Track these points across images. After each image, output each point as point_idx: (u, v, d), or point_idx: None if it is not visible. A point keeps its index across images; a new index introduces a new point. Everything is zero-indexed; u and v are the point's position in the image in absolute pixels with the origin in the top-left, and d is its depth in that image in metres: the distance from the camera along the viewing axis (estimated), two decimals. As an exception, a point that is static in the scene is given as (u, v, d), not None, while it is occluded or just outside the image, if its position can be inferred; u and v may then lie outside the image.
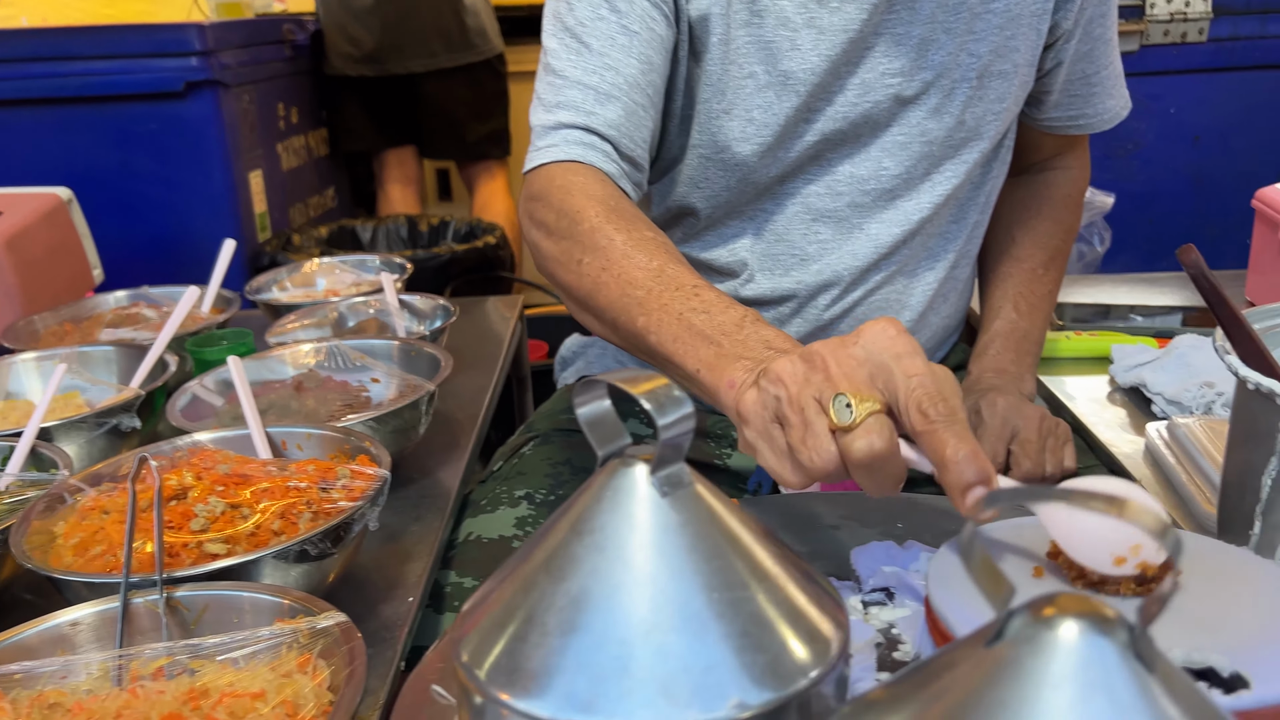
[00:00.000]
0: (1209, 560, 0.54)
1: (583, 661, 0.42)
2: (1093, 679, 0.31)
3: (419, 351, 1.08)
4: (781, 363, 0.60)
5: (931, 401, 0.56)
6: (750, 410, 0.61)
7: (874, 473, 0.57)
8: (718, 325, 0.68)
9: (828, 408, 0.56)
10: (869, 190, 1.00)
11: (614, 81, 0.88)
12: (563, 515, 0.47)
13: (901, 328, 0.60)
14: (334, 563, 0.78)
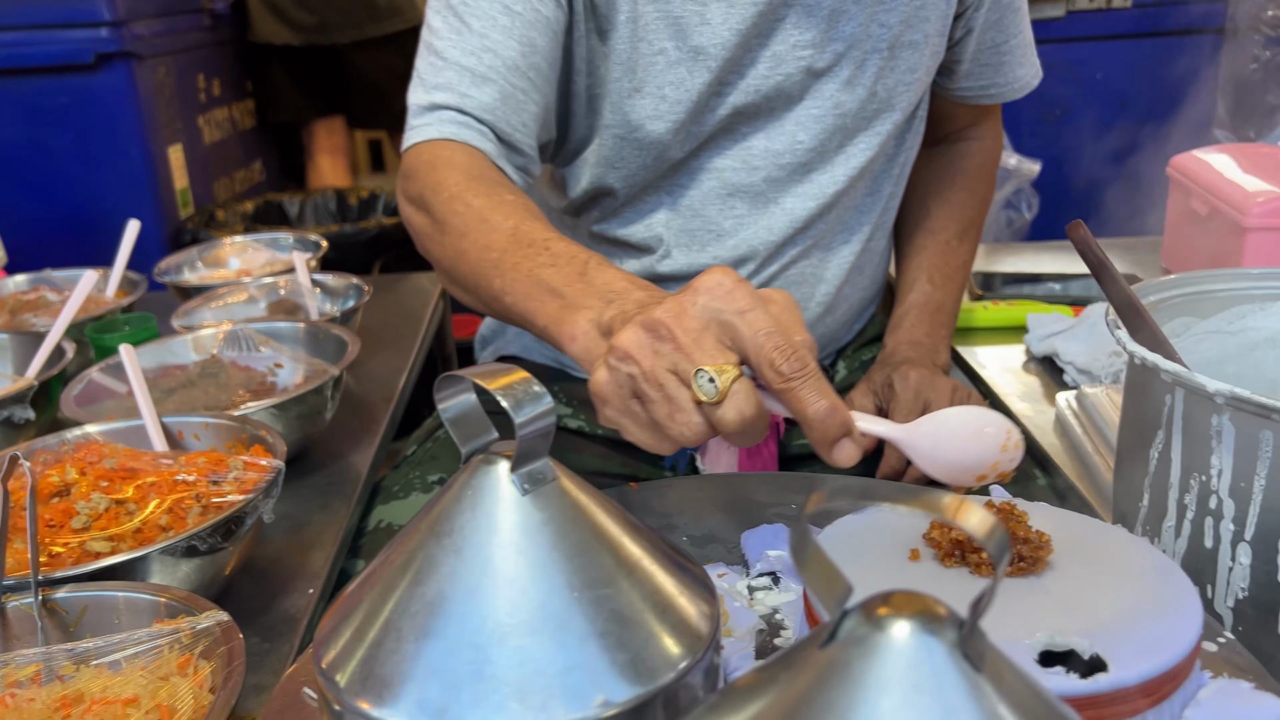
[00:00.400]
0: (1083, 539, 0.54)
1: (436, 668, 0.41)
2: (920, 681, 0.30)
3: (326, 334, 1.06)
4: (625, 336, 0.58)
5: (784, 356, 0.55)
6: (605, 390, 0.60)
7: (745, 434, 0.57)
8: (563, 276, 0.67)
9: (690, 383, 0.56)
10: (784, 164, 0.99)
11: (491, 64, 0.86)
12: (424, 515, 0.45)
13: (736, 276, 0.59)
14: (227, 557, 0.76)
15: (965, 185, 1.14)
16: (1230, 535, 0.62)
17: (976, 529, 0.30)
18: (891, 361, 1.02)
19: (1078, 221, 0.67)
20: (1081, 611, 0.47)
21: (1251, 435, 0.60)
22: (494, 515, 0.43)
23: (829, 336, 1.09)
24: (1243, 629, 0.63)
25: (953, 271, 1.11)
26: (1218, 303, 0.80)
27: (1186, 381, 0.62)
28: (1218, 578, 0.63)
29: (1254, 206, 1.12)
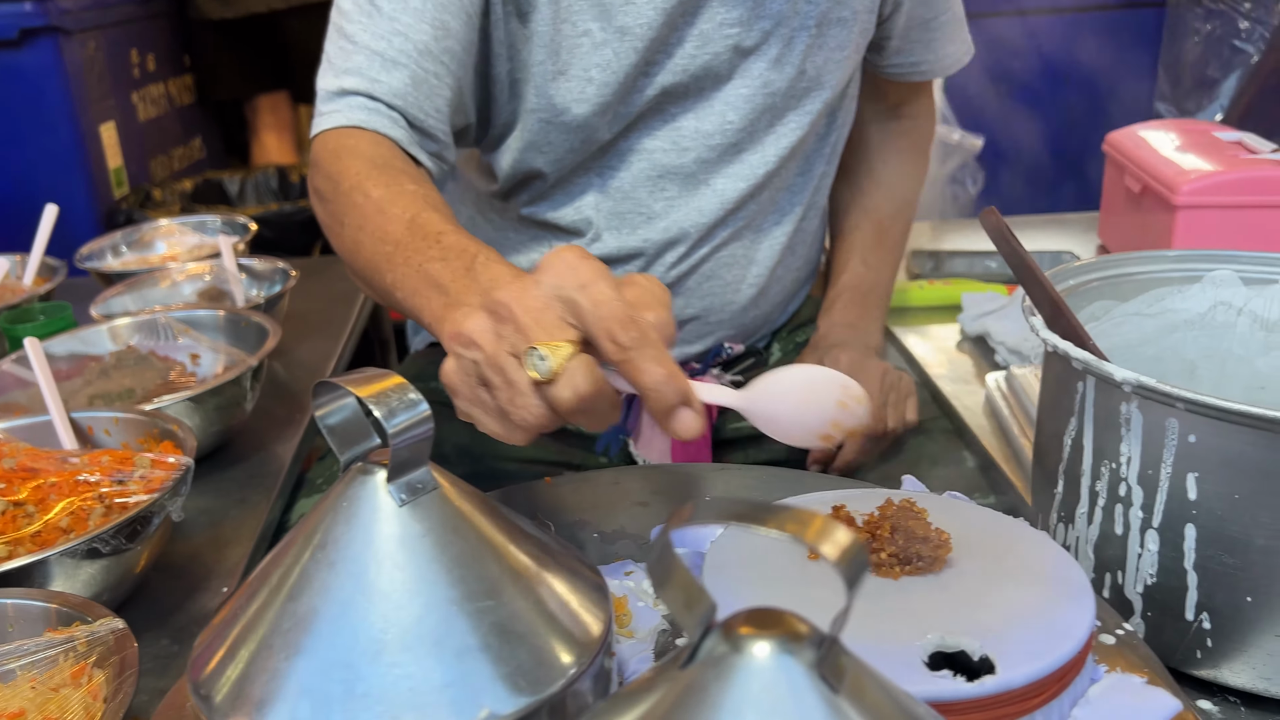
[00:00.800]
0: (985, 535, 0.54)
1: (307, 686, 0.39)
2: (775, 703, 0.30)
3: (248, 321, 1.03)
4: (470, 322, 0.56)
5: (622, 327, 0.53)
6: (454, 380, 0.57)
7: (588, 414, 0.54)
8: (450, 271, 0.64)
9: (524, 363, 0.54)
10: (714, 145, 0.98)
11: (402, 48, 0.83)
12: (302, 526, 0.44)
13: (584, 253, 0.57)
14: (135, 557, 0.74)
15: (898, 163, 1.14)
16: (1139, 522, 0.62)
17: (831, 553, 0.29)
18: (824, 344, 1.01)
19: (990, 209, 0.66)
20: (976, 611, 0.47)
21: (1158, 423, 0.60)
22: (370, 527, 0.42)
23: (763, 318, 1.08)
24: (1151, 615, 0.63)
25: (886, 252, 1.10)
26: (1137, 285, 0.80)
27: (1095, 369, 0.62)
28: (1127, 564, 0.64)
29: (1184, 185, 1.13)
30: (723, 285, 1.02)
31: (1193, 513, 0.60)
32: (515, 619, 0.42)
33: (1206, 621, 0.61)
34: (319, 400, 0.45)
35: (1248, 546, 0.58)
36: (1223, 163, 1.15)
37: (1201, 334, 0.81)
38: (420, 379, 1.09)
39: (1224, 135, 1.26)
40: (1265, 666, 0.60)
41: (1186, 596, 0.61)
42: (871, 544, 0.50)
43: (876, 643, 0.45)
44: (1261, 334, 0.80)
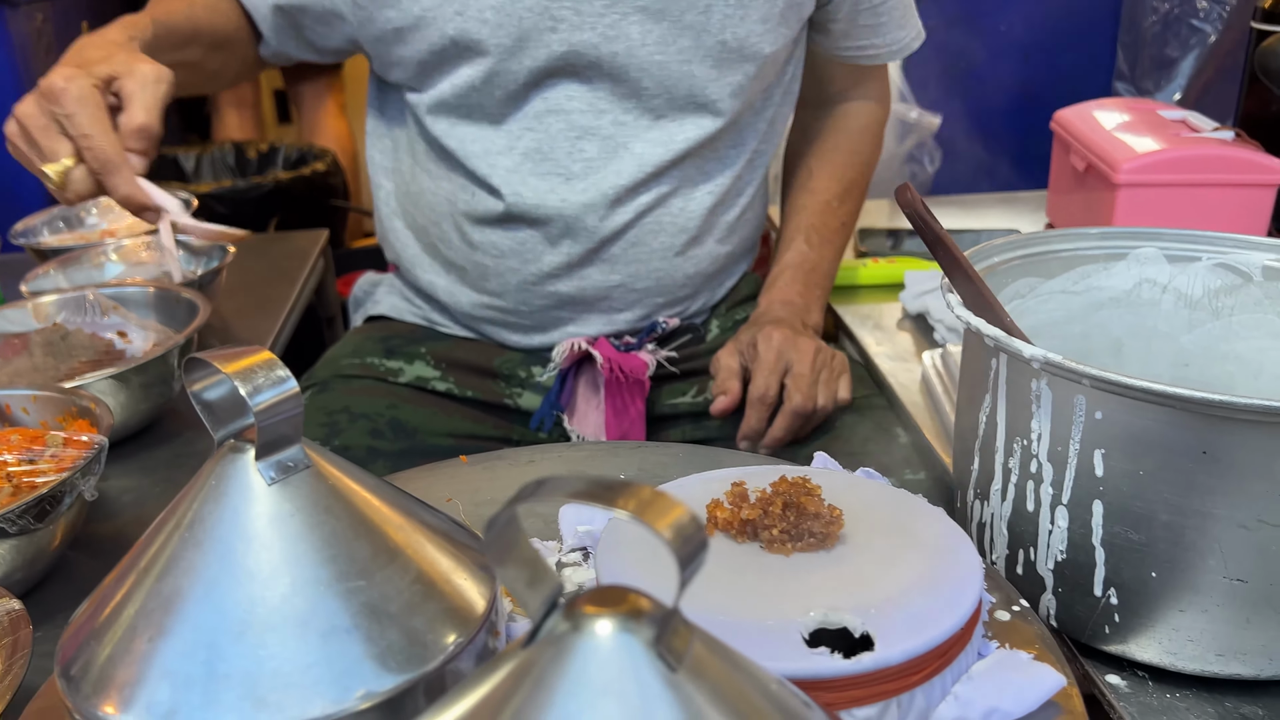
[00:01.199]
0: (882, 511, 0.54)
1: (168, 668, 0.39)
2: (608, 683, 0.29)
3: (179, 298, 1.02)
4: (27, 100, 0.83)
5: (94, 158, 0.83)
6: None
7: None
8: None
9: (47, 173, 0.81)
10: (630, 109, 0.97)
11: None
12: (173, 506, 0.43)
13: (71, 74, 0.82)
14: (47, 537, 0.73)
15: (847, 146, 1.13)
16: (1049, 499, 0.62)
17: (665, 532, 0.28)
18: (762, 321, 1.01)
19: (905, 185, 0.65)
20: (862, 588, 0.47)
21: (1066, 400, 0.60)
22: (237, 506, 0.41)
23: (693, 289, 1.07)
24: (1061, 591, 0.63)
25: (831, 233, 1.10)
26: (1062, 263, 0.80)
27: (1006, 346, 0.62)
28: (1039, 540, 0.64)
29: (1124, 164, 1.13)
30: (648, 252, 1.01)
31: (1100, 489, 0.60)
32: (388, 599, 0.41)
33: (1114, 597, 0.61)
34: (192, 376, 0.44)
35: (1152, 522, 0.58)
36: (1164, 141, 1.15)
37: (1127, 311, 0.81)
38: (357, 354, 1.08)
39: (1168, 114, 1.26)
40: (1170, 641, 0.61)
41: (1095, 573, 0.61)
42: (764, 520, 0.50)
43: (759, 620, 0.44)
44: (1185, 311, 0.80)
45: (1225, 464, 0.56)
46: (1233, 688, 0.61)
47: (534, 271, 1.02)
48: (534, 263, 1.02)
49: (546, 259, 1.01)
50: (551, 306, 1.05)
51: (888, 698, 0.42)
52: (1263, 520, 0.56)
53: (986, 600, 0.54)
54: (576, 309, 1.05)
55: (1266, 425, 0.54)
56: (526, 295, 1.04)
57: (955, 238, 1.36)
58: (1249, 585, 0.58)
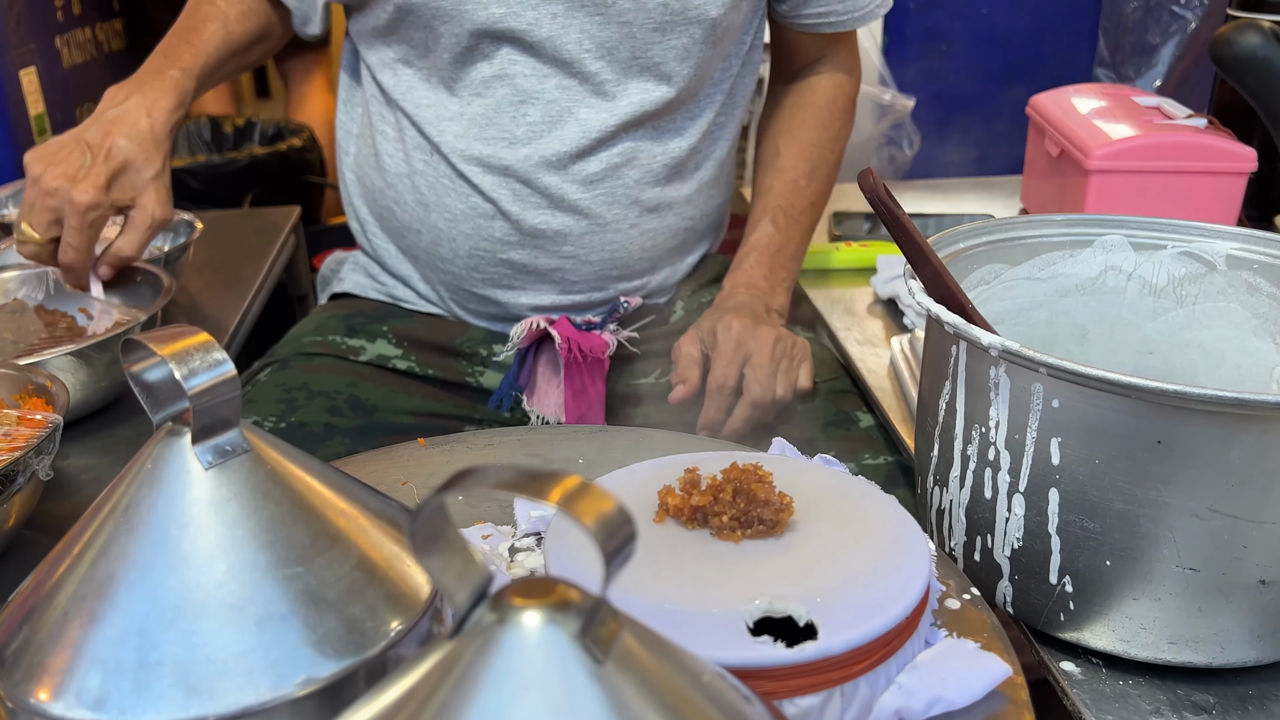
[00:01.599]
0: (834, 498, 0.53)
1: (99, 655, 0.38)
2: (532, 675, 0.29)
3: (144, 274, 1.00)
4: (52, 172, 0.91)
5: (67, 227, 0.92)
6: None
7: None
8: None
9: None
10: (575, 73, 0.96)
11: None
12: (110, 490, 0.42)
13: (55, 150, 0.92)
14: (1, 516, 0.72)
15: (814, 122, 1.12)
16: (1006, 486, 0.62)
17: (591, 524, 0.28)
18: (724, 306, 1.00)
19: (867, 170, 0.65)
20: (809, 576, 0.46)
21: (1024, 388, 0.60)
22: (173, 491, 0.40)
23: (649, 261, 1.06)
24: (1018, 578, 0.63)
25: (798, 213, 1.09)
26: (1028, 249, 0.79)
27: (964, 333, 0.61)
28: (996, 528, 0.64)
29: (1096, 150, 1.12)
30: (600, 224, 1.01)
31: (1056, 477, 0.60)
32: (327, 585, 0.41)
33: (1069, 585, 0.61)
34: (130, 357, 0.43)
35: (1107, 511, 0.58)
36: (1137, 128, 1.15)
37: (1092, 299, 0.81)
38: (319, 332, 1.07)
39: (1143, 101, 1.25)
40: (1123, 629, 0.61)
41: (1050, 560, 0.61)
42: (714, 507, 0.50)
43: (704, 608, 0.44)
44: (1150, 299, 0.80)
45: (1180, 454, 0.56)
46: (1185, 675, 0.62)
47: (485, 237, 1.02)
48: (485, 228, 1.01)
49: (497, 224, 1.01)
50: (504, 277, 1.04)
51: (831, 687, 0.42)
52: (1215, 510, 0.56)
53: (937, 588, 0.54)
54: (529, 278, 1.04)
55: (1220, 416, 0.54)
56: (477, 262, 1.03)
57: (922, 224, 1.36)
58: (1201, 574, 0.58)
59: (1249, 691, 0.61)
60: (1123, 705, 0.60)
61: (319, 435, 0.95)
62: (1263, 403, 0.52)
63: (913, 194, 1.54)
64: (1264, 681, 0.62)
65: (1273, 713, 0.60)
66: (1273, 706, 0.60)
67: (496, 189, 0.99)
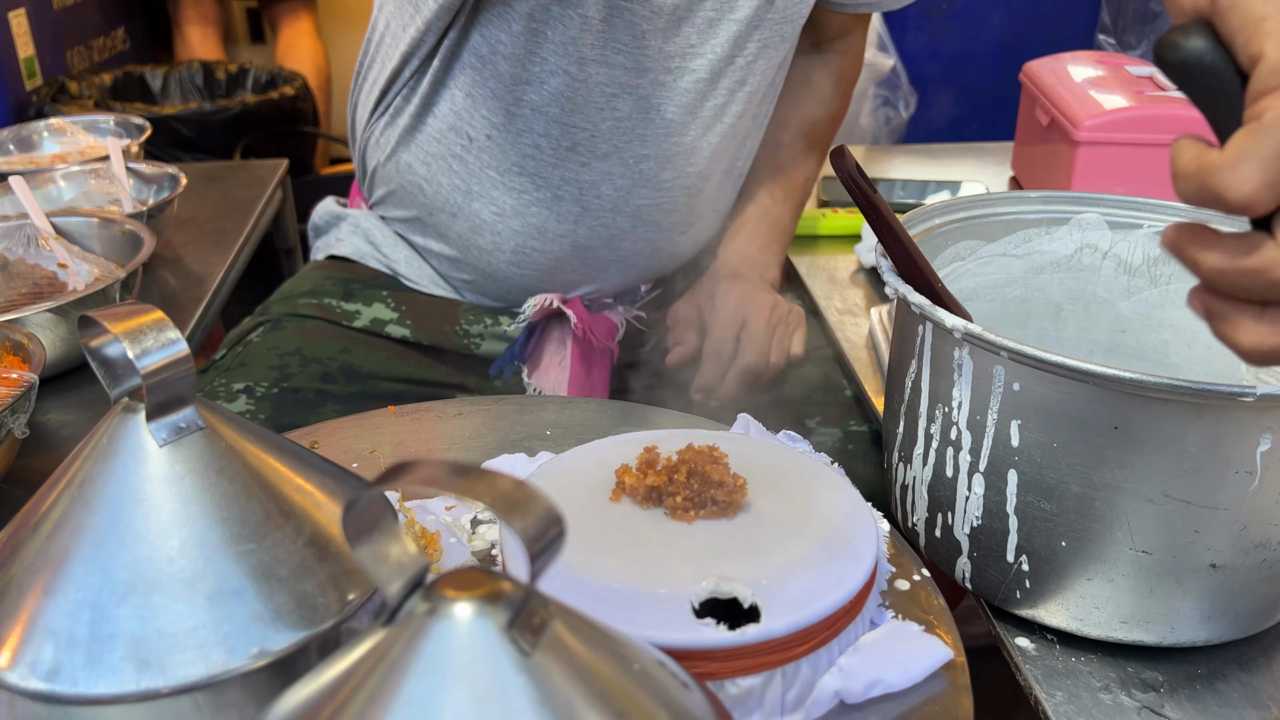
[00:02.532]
0: (789, 479, 0.54)
1: (52, 627, 0.39)
2: (460, 667, 0.30)
3: (124, 229, 1.00)
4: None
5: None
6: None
7: None
8: None
9: None
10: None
11: None
12: (67, 464, 0.43)
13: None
14: (-24, 473, 0.73)
15: (817, 98, 1.12)
16: (967, 466, 0.63)
17: (516, 523, 0.29)
18: (719, 275, 1.00)
19: (841, 147, 0.65)
20: (757, 558, 0.47)
21: (986, 370, 0.60)
22: (128, 467, 0.41)
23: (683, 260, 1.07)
24: (976, 555, 0.64)
25: (794, 187, 1.09)
26: (1004, 226, 0.80)
27: (930, 314, 0.62)
28: (956, 506, 0.65)
29: (1085, 121, 1.12)
30: (659, 229, 1.00)
31: (1015, 459, 0.60)
32: (279, 561, 0.42)
33: (1025, 564, 0.62)
34: (86, 332, 0.44)
35: (1063, 494, 0.59)
36: (1128, 98, 1.14)
37: (1067, 276, 0.81)
38: (314, 293, 1.07)
39: (1136, 70, 1.24)
40: (1077, 608, 0.62)
41: (1008, 539, 0.62)
42: (668, 487, 0.51)
43: (653, 589, 0.45)
44: (1124, 278, 0.80)
45: (1135, 439, 0.56)
46: (1136, 653, 0.63)
47: (537, 234, 0.99)
48: (536, 228, 0.98)
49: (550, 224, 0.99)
50: (546, 273, 1.01)
51: (773, 668, 0.43)
52: (1169, 495, 0.57)
53: (886, 569, 0.55)
54: (573, 275, 1.02)
55: (1176, 403, 0.54)
56: (521, 259, 1.00)
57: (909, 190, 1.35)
58: (1153, 557, 0.59)
59: (1198, 670, 0.62)
60: (1073, 681, 0.61)
61: (311, 402, 0.95)
62: (1217, 392, 0.53)
63: (904, 158, 1.53)
64: (1213, 661, 0.63)
65: (1220, 691, 0.61)
66: (1220, 686, 0.61)
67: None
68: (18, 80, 2.10)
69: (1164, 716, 0.59)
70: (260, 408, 0.94)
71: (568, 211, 0.96)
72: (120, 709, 0.38)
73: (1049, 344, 0.82)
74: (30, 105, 2.06)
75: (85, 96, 2.21)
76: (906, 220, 0.73)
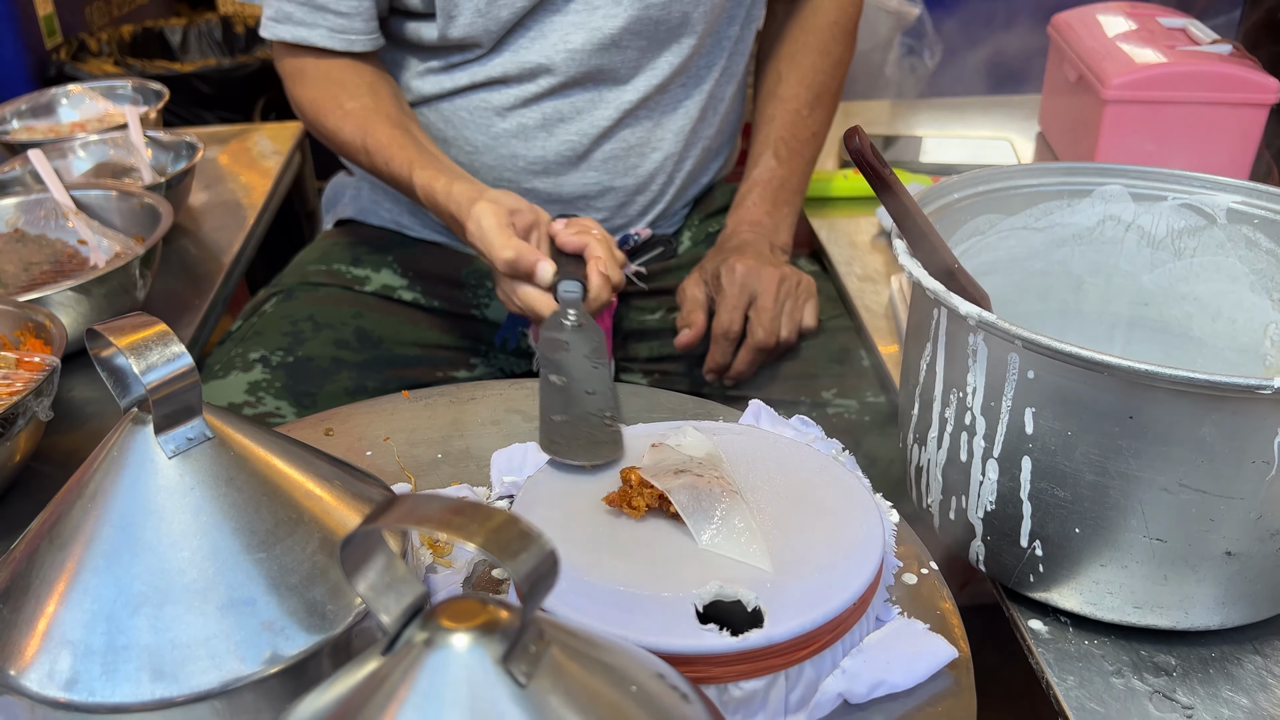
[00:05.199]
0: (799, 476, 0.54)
1: (69, 638, 0.40)
2: (456, 699, 0.30)
3: (142, 202, 1.01)
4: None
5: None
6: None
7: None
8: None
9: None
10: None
11: None
12: (79, 474, 0.44)
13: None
14: (5, 453, 0.74)
15: (817, 46, 1.09)
16: (981, 451, 0.63)
17: (508, 562, 0.29)
18: (726, 248, 0.99)
19: (855, 128, 0.63)
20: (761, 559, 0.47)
21: (1000, 358, 0.60)
22: (137, 479, 0.41)
23: (668, 184, 1.07)
24: (990, 539, 0.64)
25: (801, 145, 1.07)
26: (1025, 199, 0.78)
27: (944, 300, 0.61)
28: (970, 490, 0.64)
29: (1114, 78, 1.09)
30: (626, 145, 1.00)
31: (1029, 446, 0.60)
32: (289, 569, 0.42)
33: (1039, 549, 0.62)
34: (94, 344, 0.44)
35: (1078, 481, 0.59)
36: (1158, 54, 1.11)
37: (1089, 249, 0.80)
38: (324, 260, 1.08)
39: (1169, 22, 1.21)
40: (1090, 592, 0.62)
41: (1022, 524, 0.62)
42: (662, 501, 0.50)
43: (657, 592, 0.45)
44: (1148, 250, 0.79)
45: (1151, 429, 0.56)
46: (1149, 636, 0.63)
47: (510, 167, 1.01)
48: (507, 161, 1.00)
49: (520, 154, 1.00)
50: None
51: (776, 671, 0.44)
52: (1184, 484, 0.56)
53: (893, 564, 0.55)
54: (553, 207, 1.04)
55: (1191, 395, 0.54)
56: (512, 187, 1.03)
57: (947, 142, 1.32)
58: (1168, 545, 0.58)
59: (1211, 654, 0.62)
60: (1086, 665, 0.61)
61: (326, 370, 0.96)
62: (1234, 385, 0.52)
63: (928, 113, 1.50)
64: (1226, 644, 0.63)
65: (1232, 675, 0.61)
66: (1233, 669, 0.61)
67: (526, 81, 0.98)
68: (38, 40, 2.09)
69: (1176, 701, 0.59)
70: (276, 376, 0.95)
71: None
72: (138, 718, 0.39)
73: (1070, 318, 0.81)
74: (51, 64, 2.06)
75: (104, 54, 2.20)
76: (924, 196, 0.72)
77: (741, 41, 1.04)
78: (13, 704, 0.40)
